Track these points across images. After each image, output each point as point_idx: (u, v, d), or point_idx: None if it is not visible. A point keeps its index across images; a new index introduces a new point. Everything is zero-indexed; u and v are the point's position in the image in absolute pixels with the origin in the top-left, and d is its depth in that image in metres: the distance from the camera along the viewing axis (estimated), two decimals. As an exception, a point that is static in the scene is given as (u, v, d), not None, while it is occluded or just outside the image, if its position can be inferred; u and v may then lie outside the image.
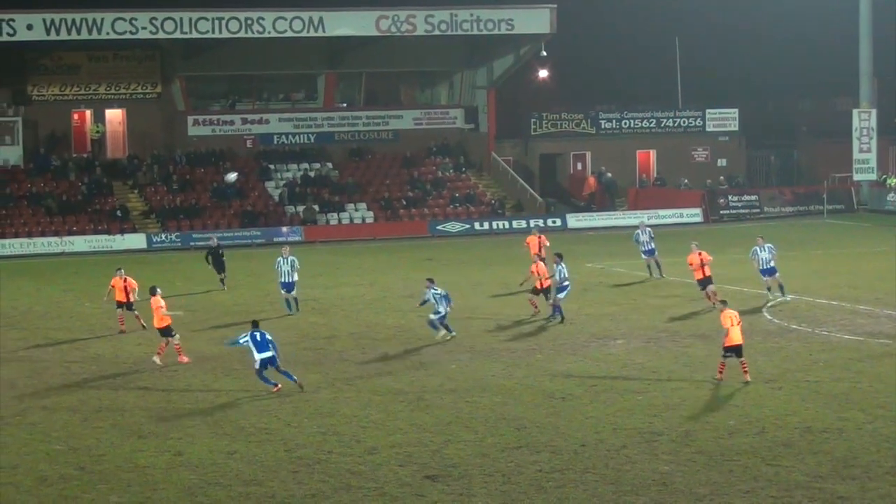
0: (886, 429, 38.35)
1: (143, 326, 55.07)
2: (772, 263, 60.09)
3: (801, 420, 39.19)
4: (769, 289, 60.19)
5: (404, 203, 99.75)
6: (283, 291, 60.77)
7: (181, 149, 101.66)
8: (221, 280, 69.24)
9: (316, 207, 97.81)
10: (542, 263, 58.55)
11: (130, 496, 33.47)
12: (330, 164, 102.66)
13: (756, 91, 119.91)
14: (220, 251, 70.02)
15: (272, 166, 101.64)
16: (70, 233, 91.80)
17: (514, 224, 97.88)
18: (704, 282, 58.49)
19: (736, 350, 43.06)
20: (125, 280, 56.55)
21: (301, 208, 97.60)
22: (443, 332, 52.23)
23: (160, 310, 49.11)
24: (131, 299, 56.57)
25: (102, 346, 53.17)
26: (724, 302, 44.89)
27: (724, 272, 64.77)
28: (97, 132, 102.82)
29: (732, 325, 42.78)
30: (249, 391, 44.58)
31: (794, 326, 52.22)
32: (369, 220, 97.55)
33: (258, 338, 43.50)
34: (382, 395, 44.17)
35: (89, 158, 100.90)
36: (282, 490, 33.70)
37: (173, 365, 49.44)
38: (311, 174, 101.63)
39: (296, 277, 60.57)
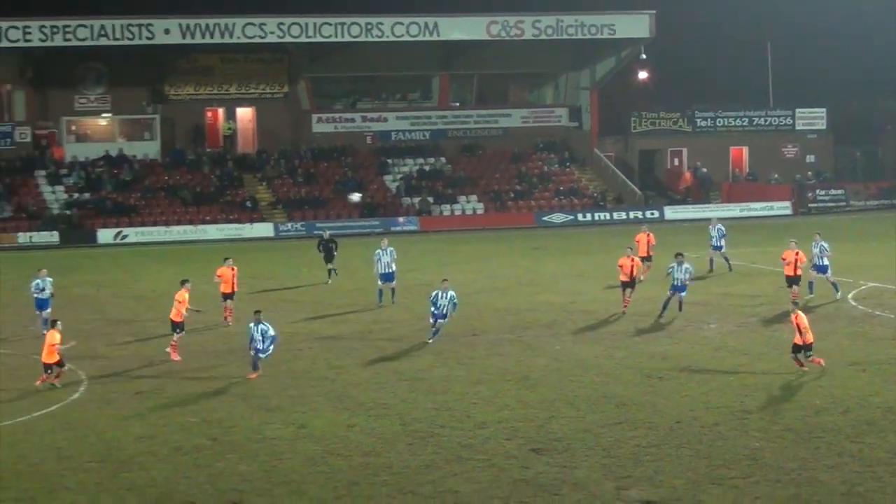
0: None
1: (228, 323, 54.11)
2: (825, 261, 57.88)
3: (884, 400, 38.92)
4: (811, 283, 57.87)
5: (512, 195, 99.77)
6: (380, 282, 59.22)
7: (306, 145, 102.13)
8: (329, 270, 67.20)
9: (430, 199, 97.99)
10: (636, 259, 58.49)
11: (258, 465, 33.72)
12: (443, 159, 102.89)
13: (843, 91, 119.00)
14: (333, 244, 67.44)
15: (390, 161, 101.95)
16: (203, 222, 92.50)
17: (615, 215, 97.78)
18: (793, 279, 56.50)
19: (804, 348, 41.96)
20: (233, 269, 54.94)
21: (416, 200, 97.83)
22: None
23: (181, 305, 47.03)
24: (236, 290, 55.15)
25: (235, 323, 53.47)
26: (796, 304, 43.70)
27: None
28: (229, 129, 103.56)
29: (800, 327, 41.47)
30: (368, 370, 44.78)
31: (878, 313, 51.83)
32: (480, 212, 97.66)
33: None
34: (491, 373, 44.25)
35: (221, 153, 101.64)
36: (397, 461, 33.84)
37: (298, 344, 49.71)
38: (426, 168, 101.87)
39: (394, 268, 59.39)
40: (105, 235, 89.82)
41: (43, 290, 51.02)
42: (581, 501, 30.42)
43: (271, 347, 43.42)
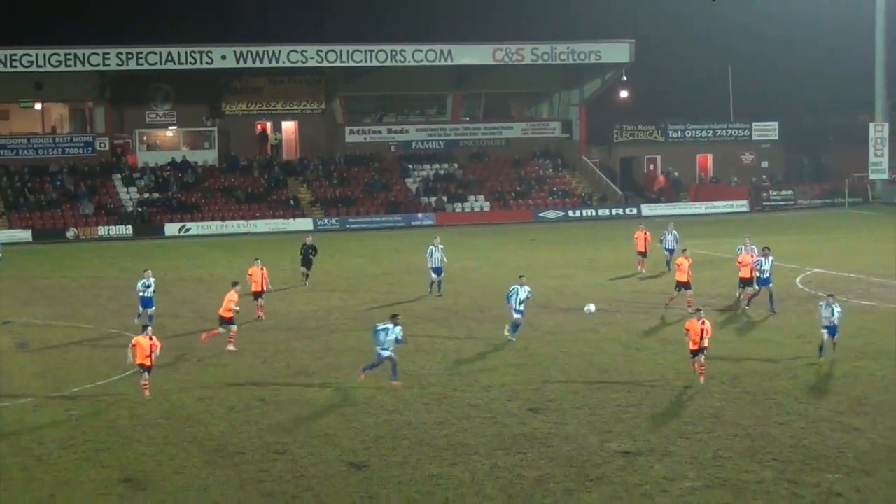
0: (894, 375, 38.09)
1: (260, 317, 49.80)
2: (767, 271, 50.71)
3: (826, 368, 38.96)
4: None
5: (513, 195, 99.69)
6: (433, 275, 55.88)
7: (340, 152, 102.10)
8: (304, 276, 59.15)
9: (444, 198, 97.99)
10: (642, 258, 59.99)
11: (300, 422, 33.79)
12: (455, 165, 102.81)
13: (792, 107, 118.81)
14: (312, 251, 59.25)
15: (410, 166, 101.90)
16: (253, 217, 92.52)
17: (600, 212, 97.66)
18: (746, 282, 50.64)
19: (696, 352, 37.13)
20: (262, 270, 50.23)
21: (433, 199, 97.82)
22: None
23: (231, 303, 43.49)
24: (265, 288, 50.19)
25: (277, 303, 53.49)
26: (699, 310, 38.36)
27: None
28: (275, 139, 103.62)
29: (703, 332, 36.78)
30: (418, 348, 44.77)
31: (821, 294, 51.65)
32: (486, 209, 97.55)
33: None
34: (496, 344, 44.27)
35: (269, 159, 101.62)
36: (416, 418, 33.91)
37: (333, 320, 49.75)
38: (441, 172, 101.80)
39: (445, 261, 56.32)
40: (171, 229, 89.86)
41: (148, 287, 48.27)
42: (570, 452, 30.45)
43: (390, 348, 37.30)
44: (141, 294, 48.28)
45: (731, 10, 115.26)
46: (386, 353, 37.18)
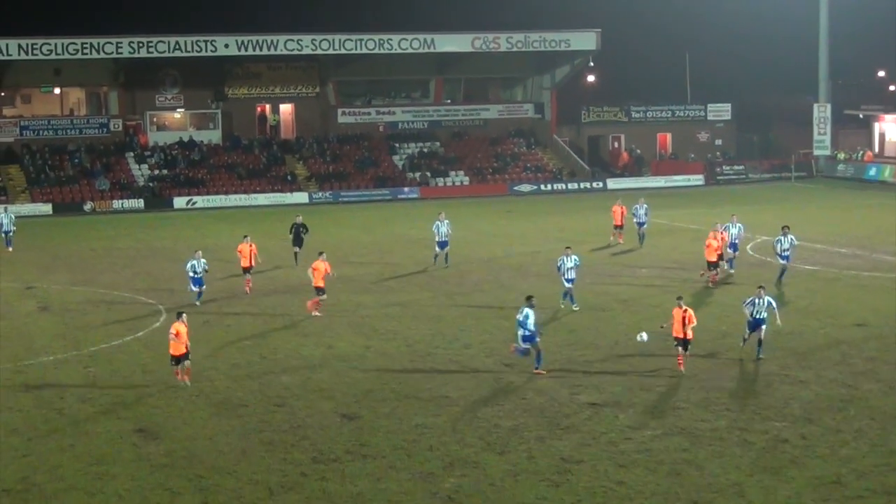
0: (835, 333, 38.24)
1: (248, 291, 47.55)
2: (737, 241, 50.61)
3: (774, 328, 39.05)
4: (731, 260, 50.61)
5: (490, 171, 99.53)
6: (437, 249, 53.62)
7: (333, 132, 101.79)
8: (295, 255, 54.62)
9: (428, 174, 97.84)
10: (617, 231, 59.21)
11: (297, 377, 33.84)
12: (438, 143, 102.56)
13: (744, 90, 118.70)
14: (303, 229, 55.14)
15: (397, 145, 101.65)
16: (254, 192, 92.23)
17: (569, 186, 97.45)
18: (713, 265, 47.71)
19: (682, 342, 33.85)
20: (251, 246, 48.42)
21: (417, 174, 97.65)
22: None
23: (317, 272, 42.77)
24: (253, 264, 48.09)
25: (276, 269, 53.47)
26: (679, 298, 35.00)
27: (720, 220, 64.30)
28: (274, 120, 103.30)
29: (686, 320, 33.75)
30: (381, 304, 44.82)
31: (769, 260, 51.82)
32: (466, 183, 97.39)
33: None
34: (475, 306, 44.33)
35: (268, 139, 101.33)
36: (402, 373, 34.03)
37: (337, 290, 49.76)
38: (425, 150, 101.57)
39: (450, 234, 54.04)
40: (179, 202, 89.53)
41: (200, 268, 45.13)
42: (542, 404, 30.55)
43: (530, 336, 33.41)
44: (191, 276, 45.29)
45: (688, 1, 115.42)
46: (525, 345, 33.28)
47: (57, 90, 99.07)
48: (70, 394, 32.52)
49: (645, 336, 33.73)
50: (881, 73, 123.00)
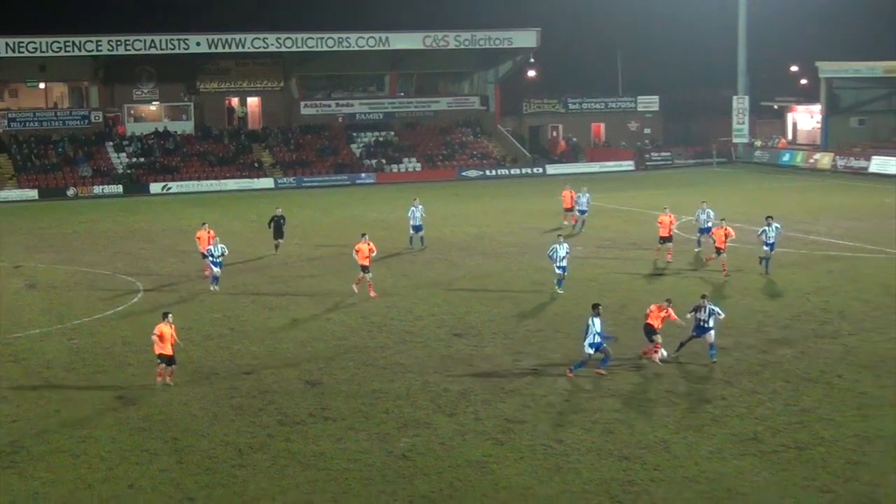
0: (752, 304, 38.52)
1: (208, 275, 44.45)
2: (709, 224, 48.42)
3: (694, 294, 39.24)
4: (700, 243, 49.56)
5: (440, 158, 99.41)
6: (412, 232, 52.68)
7: (296, 123, 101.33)
8: (276, 246, 51.93)
9: (383, 161, 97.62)
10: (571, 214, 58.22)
11: (264, 347, 33.78)
12: (392, 133, 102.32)
13: (670, 84, 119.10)
14: (282, 220, 52.61)
15: (354, 134, 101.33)
16: (224, 178, 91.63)
17: (512, 171, 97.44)
18: (666, 239, 47.01)
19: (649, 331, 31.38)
20: (209, 233, 45.63)
21: (374, 161, 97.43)
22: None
23: (361, 252, 41.13)
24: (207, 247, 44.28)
25: (245, 248, 53.14)
26: (668, 301, 32.37)
27: (648, 202, 64.66)
28: (242, 112, 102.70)
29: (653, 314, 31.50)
30: (340, 279, 44.71)
31: (693, 237, 51.87)
32: (418, 169, 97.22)
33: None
34: (426, 282, 44.34)
35: (237, 129, 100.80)
36: (360, 343, 34.00)
37: (291, 261, 49.57)
38: (381, 139, 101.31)
39: (425, 217, 53.31)
40: (155, 188, 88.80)
41: (215, 254, 42.83)
42: (488, 370, 30.63)
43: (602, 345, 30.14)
44: (211, 260, 43.22)
45: (620, 3, 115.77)
46: (589, 351, 29.86)
47: (42, 85, 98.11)
48: (55, 364, 32.32)
49: (665, 354, 31.54)
50: (794, 68, 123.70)
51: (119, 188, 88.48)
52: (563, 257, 41.17)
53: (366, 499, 21.61)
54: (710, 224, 48.51)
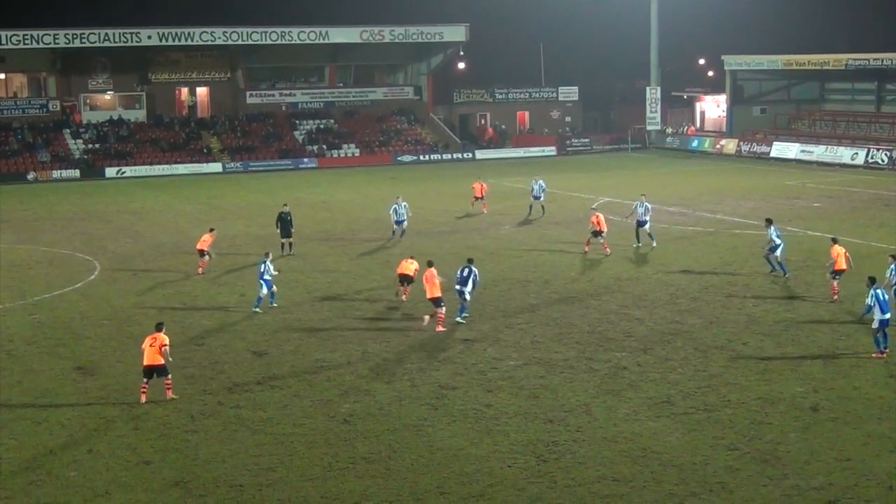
0: (665, 278, 38.79)
1: (201, 272, 41.44)
2: (646, 217, 45.22)
3: (615, 273, 39.55)
4: (638, 236, 45.91)
5: (377, 144, 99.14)
6: (395, 225, 49.00)
7: (242, 111, 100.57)
8: (282, 245, 45.68)
9: (324, 147, 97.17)
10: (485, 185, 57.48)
11: (213, 320, 33.50)
12: (332, 121, 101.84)
13: (589, 75, 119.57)
14: (289, 217, 46.02)
15: (297, 122, 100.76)
16: (175, 162, 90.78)
17: (444, 156, 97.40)
18: (598, 233, 43.56)
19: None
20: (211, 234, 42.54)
21: (315, 147, 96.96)
22: None
23: (434, 279, 32.36)
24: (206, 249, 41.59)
25: (193, 229, 52.65)
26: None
27: (569, 184, 64.78)
28: (191, 101, 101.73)
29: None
30: (282, 260, 44.42)
31: (612, 217, 51.97)
32: (356, 155, 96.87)
33: (880, 296, 27.61)
34: (365, 258, 44.22)
35: (186, 117, 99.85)
36: (304, 316, 33.90)
37: (239, 242, 49.19)
38: (322, 126, 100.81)
39: (410, 214, 50.17)
40: (110, 172, 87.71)
41: (272, 272, 35.06)
42: (423, 339, 30.63)
43: None
44: (264, 279, 35.71)
45: (543, 0, 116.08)
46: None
47: (2, 75, 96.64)
48: (18, 338, 31.92)
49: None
50: (702, 61, 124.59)
51: (76, 173, 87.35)
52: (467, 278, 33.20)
53: (310, 461, 21.55)
54: (647, 217, 45.18)
